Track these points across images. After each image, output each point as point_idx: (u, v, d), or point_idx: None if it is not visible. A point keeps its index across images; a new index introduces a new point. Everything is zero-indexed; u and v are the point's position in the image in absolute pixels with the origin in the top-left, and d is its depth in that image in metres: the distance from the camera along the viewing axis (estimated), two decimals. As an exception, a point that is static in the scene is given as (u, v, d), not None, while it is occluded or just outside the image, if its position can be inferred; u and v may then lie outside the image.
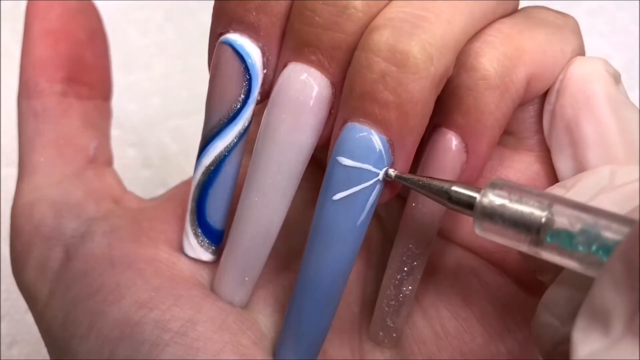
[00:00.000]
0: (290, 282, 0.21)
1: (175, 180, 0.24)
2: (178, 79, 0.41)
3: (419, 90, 0.16)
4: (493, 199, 0.16)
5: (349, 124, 0.17)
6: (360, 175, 0.17)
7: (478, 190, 0.16)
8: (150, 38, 0.42)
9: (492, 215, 0.16)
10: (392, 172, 0.17)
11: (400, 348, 0.20)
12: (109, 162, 0.23)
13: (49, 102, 0.22)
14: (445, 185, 0.17)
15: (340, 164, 0.17)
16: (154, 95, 0.40)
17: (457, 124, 0.18)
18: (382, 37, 0.16)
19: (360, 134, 0.17)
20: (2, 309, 0.32)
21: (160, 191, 0.23)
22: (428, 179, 0.17)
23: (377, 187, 0.17)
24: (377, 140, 0.17)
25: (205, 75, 0.19)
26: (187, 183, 0.22)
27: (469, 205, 0.16)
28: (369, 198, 0.17)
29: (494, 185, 0.16)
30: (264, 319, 0.20)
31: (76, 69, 0.22)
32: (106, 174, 0.22)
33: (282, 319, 0.20)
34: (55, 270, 0.20)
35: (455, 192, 0.16)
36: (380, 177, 0.17)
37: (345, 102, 0.17)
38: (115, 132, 0.40)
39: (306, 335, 0.19)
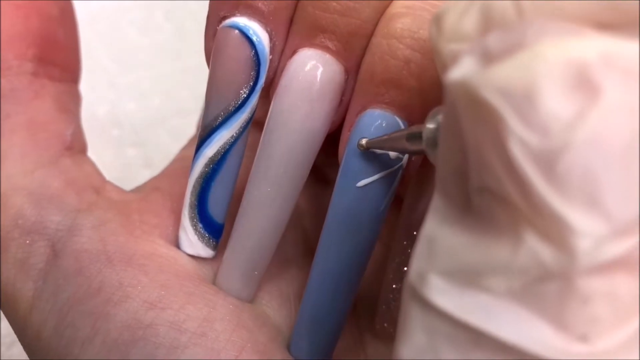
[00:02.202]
0: (292, 274, 0.21)
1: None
2: (178, 79, 0.40)
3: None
4: (434, 125, 0.15)
5: (370, 110, 0.17)
6: (386, 160, 0.17)
7: None
8: (150, 38, 0.42)
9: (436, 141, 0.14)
10: (363, 141, 0.17)
11: None
12: (84, 149, 0.21)
13: (19, 82, 0.20)
14: (403, 131, 0.16)
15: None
16: (154, 95, 0.40)
17: None
18: (405, 24, 0.16)
19: (384, 120, 0.17)
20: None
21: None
22: (390, 134, 0.17)
23: (400, 172, 0.17)
24: (401, 125, 0.17)
25: (206, 75, 0.18)
26: (169, 173, 0.21)
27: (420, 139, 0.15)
28: (393, 183, 0.17)
29: (434, 114, 0.15)
30: (273, 312, 0.20)
31: (48, 47, 0.20)
32: (84, 162, 0.21)
33: (290, 311, 0.20)
34: (40, 268, 0.18)
35: (409, 134, 0.16)
36: (403, 160, 0.17)
37: (365, 88, 0.17)
38: (115, 132, 0.40)
39: (324, 328, 0.19)
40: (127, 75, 0.40)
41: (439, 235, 0.12)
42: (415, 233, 0.19)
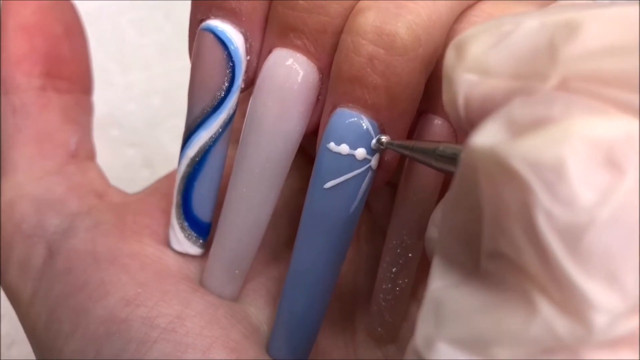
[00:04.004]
0: (281, 273, 0.21)
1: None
2: (178, 79, 0.40)
3: (408, 73, 0.16)
4: None
5: (339, 110, 0.17)
6: (352, 161, 0.17)
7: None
8: (149, 38, 0.42)
9: None
10: (384, 138, 0.17)
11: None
12: (91, 156, 0.23)
13: (27, 97, 0.21)
14: (432, 146, 0.16)
15: (331, 150, 0.17)
16: (153, 95, 0.40)
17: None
18: (368, 19, 0.16)
19: (351, 120, 0.17)
20: (2, 309, 0.32)
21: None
22: (415, 142, 0.16)
23: (370, 174, 0.17)
24: (367, 125, 0.17)
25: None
26: (171, 176, 0.22)
27: (453, 161, 0.15)
28: (361, 185, 0.17)
29: None
30: (256, 311, 0.20)
31: (54, 63, 0.22)
32: (88, 169, 0.22)
33: (274, 310, 0.20)
34: (38, 268, 0.19)
35: (441, 150, 0.15)
36: (372, 161, 0.17)
37: (334, 87, 0.17)
38: (115, 132, 0.40)
39: (299, 329, 0.19)
40: (126, 75, 0.40)
41: (445, 298, 0.12)
42: (405, 237, 0.19)
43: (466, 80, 0.13)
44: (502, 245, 0.11)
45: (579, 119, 0.10)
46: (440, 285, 0.12)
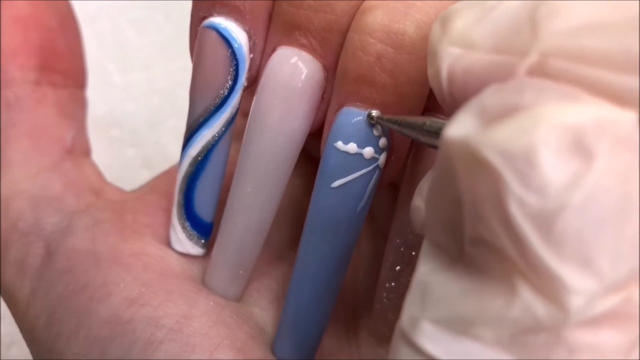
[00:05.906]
0: (284, 272, 0.21)
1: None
2: (178, 78, 0.40)
3: (416, 71, 0.16)
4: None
5: (345, 108, 0.17)
6: (360, 160, 0.17)
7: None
8: (149, 37, 0.42)
9: None
10: (374, 113, 0.16)
11: None
12: (86, 152, 0.22)
13: (22, 91, 0.21)
14: (420, 120, 0.16)
15: (338, 149, 0.17)
16: (153, 95, 0.40)
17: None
18: (376, 18, 0.16)
19: (358, 118, 0.16)
20: (1, 309, 0.32)
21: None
22: (404, 117, 0.16)
23: (377, 173, 0.17)
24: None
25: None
26: (169, 173, 0.22)
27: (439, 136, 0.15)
28: (369, 184, 0.17)
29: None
30: (260, 311, 0.20)
31: (49, 56, 0.21)
32: (85, 165, 0.21)
33: (278, 310, 0.20)
34: (36, 267, 0.19)
35: (428, 126, 0.15)
36: (380, 160, 0.17)
37: (340, 86, 0.17)
38: (114, 132, 0.40)
39: (305, 329, 0.19)
40: (126, 75, 0.40)
41: (432, 282, 0.12)
42: (409, 236, 0.19)
43: (450, 53, 0.13)
44: (482, 233, 0.11)
45: (549, 106, 0.11)
46: (428, 269, 0.12)
